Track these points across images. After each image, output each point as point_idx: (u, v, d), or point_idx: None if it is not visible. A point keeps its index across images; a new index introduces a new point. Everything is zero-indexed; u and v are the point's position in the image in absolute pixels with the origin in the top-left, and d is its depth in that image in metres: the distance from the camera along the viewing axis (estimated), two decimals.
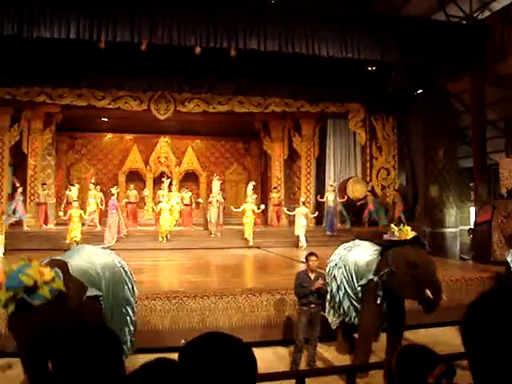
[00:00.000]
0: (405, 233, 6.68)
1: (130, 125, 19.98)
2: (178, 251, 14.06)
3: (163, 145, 21.11)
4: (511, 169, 12.67)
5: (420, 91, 15.84)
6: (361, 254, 7.12)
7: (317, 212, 16.85)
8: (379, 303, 6.54)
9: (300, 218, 15.46)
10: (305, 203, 16.31)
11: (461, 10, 13.98)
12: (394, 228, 6.83)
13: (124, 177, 20.33)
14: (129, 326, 6.07)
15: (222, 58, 13.03)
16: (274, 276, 10.71)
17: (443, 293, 6.31)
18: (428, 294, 6.07)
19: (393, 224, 7.12)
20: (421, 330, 7.98)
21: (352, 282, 7.00)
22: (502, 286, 1.19)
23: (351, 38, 12.25)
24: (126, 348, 5.70)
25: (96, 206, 15.80)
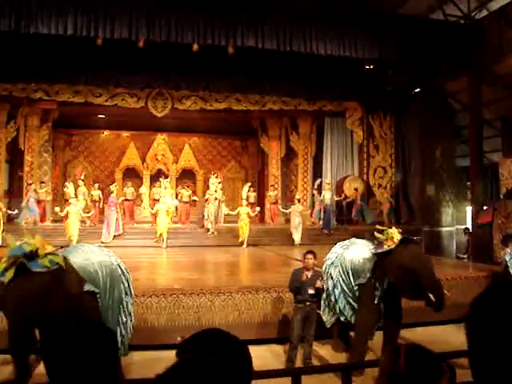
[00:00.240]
0: (391, 236, 6.60)
1: (127, 122, 19.93)
2: (174, 248, 14.05)
3: (160, 142, 21.09)
4: (511, 169, 12.69)
5: (417, 90, 15.87)
6: (358, 252, 7.10)
7: (309, 210, 16.77)
8: (377, 302, 6.55)
9: (295, 216, 15.50)
10: (300, 201, 16.32)
11: (459, 9, 14.01)
12: (379, 236, 6.73)
13: (121, 174, 20.29)
14: (122, 326, 6.03)
15: (220, 56, 13.00)
16: (270, 274, 10.70)
17: (445, 289, 6.30)
18: (431, 296, 6.07)
19: (376, 232, 6.96)
20: (417, 329, 7.99)
21: (349, 281, 6.97)
22: (507, 283, 1.20)
23: (349, 37, 12.27)
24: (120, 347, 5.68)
25: (85, 202, 15.62)
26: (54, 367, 1.43)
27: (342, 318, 7.11)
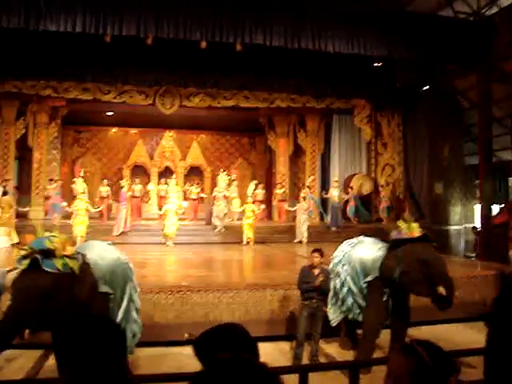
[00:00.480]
0: (413, 230, 6.64)
1: (135, 119, 19.99)
2: (182, 246, 14.07)
3: (168, 139, 21.13)
4: None
5: (426, 88, 15.78)
6: (366, 250, 7.08)
7: (311, 208, 16.70)
8: (385, 300, 6.54)
9: (301, 214, 15.49)
10: (305, 199, 16.31)
11: (468, 6, 13.91)
12: (402, 225, 6.77)
13: (129, 171, 20.33)
14: (132, 324, 6.05)
15: (228, 53, 13.00)
16: (277, 271, 10.72)
17: (456, 289, 6.30)
18: (441, 290, 6.05)
19: (400, 221, 7.03)
20: (423, 327, 7.97)
21: (357, 279, 6.96)
22: None
23: (358, 34, 12.20)
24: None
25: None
26: (64, 361, 1.44)
27: (350, 316, 7.11)
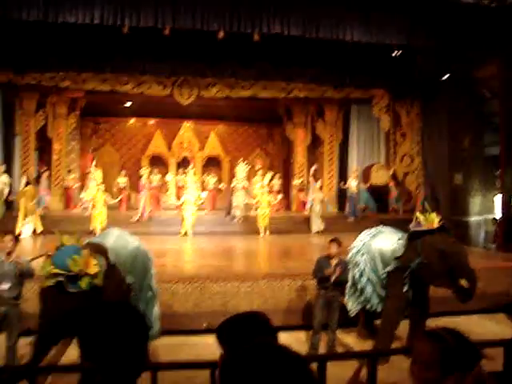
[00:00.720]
0: (431, 221, 6.57)
1: (153, 110, 20.04)
2: (200, 236, 14.14)
3: (186, 130, 21.18)
4: None
5: (446, 76, 15.54)
6: (385, 240, 7.02)
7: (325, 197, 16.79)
8: (405, 290, 6.50)
9: (316, 204, 15.49)
10: (321, 188, 16.24)
11: None
12: (420, 216, 6.71)
13: (147, 161, 20.42)
14: (153, 311, 6.14)
15: (246, 43, 12.95)
16: (295, 261, 10.73)
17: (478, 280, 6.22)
18: (463, 283, 5.99)
19: (418, 213, 6.97)
20: (443, 318, 7.92)
21: (376, 269, 6.92)
22: None
23: (376, 22, 12.05)
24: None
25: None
26: (87, 347, 1.47)
27: (368, 307, 7.08)
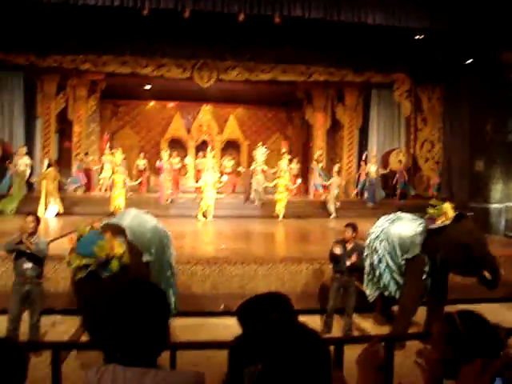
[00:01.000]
0: (445, 211, 6.45)
1: (172, 93, 20.06)
2: (218, 219, 14.20)
3: (205, 113, 21.18)
4: None
5: (470, 61, 15.26)
6: (404, 227, 6.91)
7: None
8: (424, 278, 6.46)
9: (334, 189, 15.52)
10: (339, 173, 16.18)
11: None
12: (432, 211, 6.57)
13: (166, 144, 20.50)
14: (173, 289, 6.25)
15: (266, 26, 12.85)
16: (313, 245, 10.75)
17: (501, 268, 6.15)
18: (486, 274, 5.95)
19: (429, 207, 6.83)
20: (460, 306, 7.87)
21: (395, 256, 6.83)
22: None
23: (399, 5, 11.88)
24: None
25: (112, 171, 15.70)
26: (110, 325, 1.50)
27: (386, 293, 7.04)
